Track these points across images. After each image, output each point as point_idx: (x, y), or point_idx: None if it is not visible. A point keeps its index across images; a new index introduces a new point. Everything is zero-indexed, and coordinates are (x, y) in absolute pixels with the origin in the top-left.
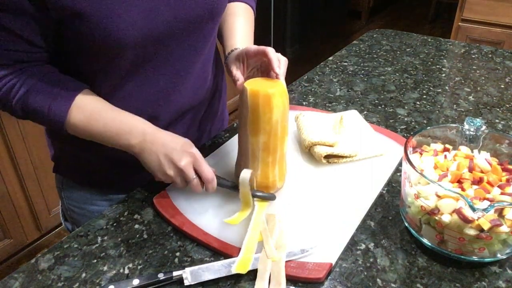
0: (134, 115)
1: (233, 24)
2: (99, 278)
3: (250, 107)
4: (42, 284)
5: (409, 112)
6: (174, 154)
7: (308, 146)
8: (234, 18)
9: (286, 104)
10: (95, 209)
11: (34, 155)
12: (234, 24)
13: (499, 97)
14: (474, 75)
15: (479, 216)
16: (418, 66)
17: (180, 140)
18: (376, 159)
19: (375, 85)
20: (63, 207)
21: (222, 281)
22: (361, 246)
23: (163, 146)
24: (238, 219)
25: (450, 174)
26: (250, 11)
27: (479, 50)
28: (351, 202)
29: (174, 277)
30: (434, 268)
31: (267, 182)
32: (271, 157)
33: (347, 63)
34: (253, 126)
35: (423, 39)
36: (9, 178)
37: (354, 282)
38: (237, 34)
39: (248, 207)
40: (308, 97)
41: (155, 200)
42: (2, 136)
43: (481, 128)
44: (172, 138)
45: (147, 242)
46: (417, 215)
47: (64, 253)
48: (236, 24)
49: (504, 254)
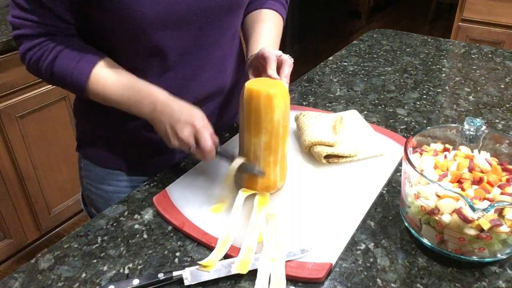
0: (150, 84)
1: (259, 30)
2: (99, 278)
3: (252, 107)
4: (42, 284)
5: (409, 112)
6: (177, 125)
7: (308, 146)
8: (260, 24)
9: (287, 104)
10: (110, 190)
11: (34, 155)
12: (259, 30)
13: (499, 97)
14: (474, 75)
15: (479, 216)
16: (418, 66)
17: (186, 111)
18: (376, 159)
19: (375, 85)
20: (82, 188)
21: (222, 281)
22: (361, 246)
23: (169, 117)
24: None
25: (450, 174)
26: (279, 18)
27: (479, 50)
28: (351, 202)
29: (174, 277)
30: (434, 268)
31: (268, 182)
32: (273, 157)
33: (347, 63)
34: (255, 126)
35: (423, 39)
36: (9, 178)
37: (354, 282)
38: (260, 40)
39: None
40: (308, 97)
41: (155, 200)
42: (2, 136)
43: (481, 128)
44: (180, 108)
45: (147, 242)
46: (417, 215)
47: (64, 253)
48: (261, 30)
49: (504, 254)
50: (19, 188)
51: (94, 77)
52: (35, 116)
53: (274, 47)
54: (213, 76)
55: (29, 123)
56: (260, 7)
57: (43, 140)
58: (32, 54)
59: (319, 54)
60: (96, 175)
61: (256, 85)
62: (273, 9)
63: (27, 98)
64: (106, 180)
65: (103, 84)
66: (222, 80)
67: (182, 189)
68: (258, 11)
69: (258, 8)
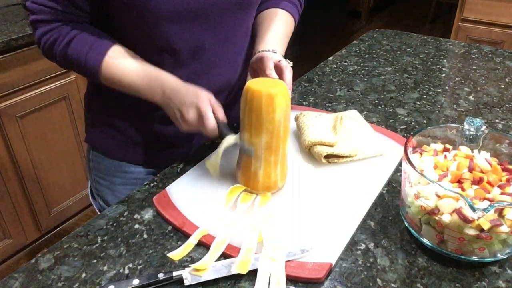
0: (161, 70)
1: (267, 29)
2: (99, 278)
3: (253, 107)
4: (42, 284)
5: (409, 112)
6: (183, 108)
7: (308, 146)
8: (268, 22)
9: (288, 104)
10: (118, 181)
11: (34, 155)
12: (267, 29)
13: (499, 97)
14: (474, 75)
15: (479, 216)
16: (418, 66)
17: (191, 94)
18: (376, 159)
19: (375, 85)
20: (90, 180)
21: (222, 281)
22: (361, 246)
23: (177, 101)
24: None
25: (450, 174)
26: (290, 19)
27: (479, 50)
28: (351, 202)
29: (174, 277)
30: (434, 268)
31: (269, 182)
32: (273, 156)
33: (347, 63)
34: (256, 126)
35: (423, 39)
36: (9, 178)
37: (354, 282)
38: (267, 38)
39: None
40: (308, 97)
41: (155, 200)
42: (2, 136)
43: (481, 128)
44: (187, 90)
45: (147, 242)
46: (417, 215)
47: (64, 253)
48: (268, 29)
49: (504, 254)
50: (19, 188)
51: (107, 61)
52: (35, 116)
53: (280, 47)
54: (224, 73)
55: (29, 123)
56: (273, 6)
57: (43, 140)
58: (47, 38)
59: (319, 54)
60: (104, 166)
61: (257, 85)
62: (286, 10)
63: (27, 98)
64: (114, 171)
65: (116, 69)
66: (232, 77)
67: (182, 189)
68: (271, 10)
69: (271, 7)
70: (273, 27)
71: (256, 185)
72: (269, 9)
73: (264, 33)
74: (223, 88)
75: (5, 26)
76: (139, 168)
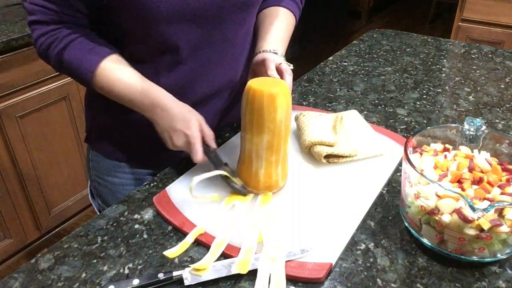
0: (154, 84)
1: (268, 27)
2: (99, 278)
3: (255, 106)
4: (42, 284)
5: (409, 112)
6: (173, 133)
7: (308, 146)
8: (271, 22)
9: (289, 104)
10: (117, 182)
11: (34, 155)
12: (269, 28)
13: (499, 97)
14: (474, 75)
15: (479, 216)
16: (418, 66)
17: (182, 120)
18: (376, 159)
19: (375, 85)
20: (90, 180)
21: (222, 281)
22: (361, 246)
23: (167, 123)
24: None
25: (450, 174)
26: (291, 17)
27: (479, 50)
28: (351, 202)
29: (174, 277)
30: (434, 268)
31: (270, 181)
32: (275, 156)
33: (347, 63)
34: (257, 126)
35: (423, 39)
36: (9, 178)
37: (354, 282)
38: (269, 37)
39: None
40: (308, 97)
41: (155, 200)
42: (2, 136)
43: (481, 128)
44: (178, 114)
45: (147, 242)
46: (417, 215)
47: (64, 253)
48: (270, 28)
49: (504, 254)
50: (19, 188)
51: (101, 70)
52: (35, 116)
53: (281, 46)
54: (225, 73)
55: (29, 123)
56: (275, 4)
57: (43, 140)
58: (43, 40)
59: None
60: (104, 166)
61: (258, 84)
62: (287, 8)
63: (27, 98)
64: (113, 172)
65: (108, 79)
66: (233, 77)
67: (182, 189)
68: (272, 8)
69: (272, 5)
70: (274, 26)
71: (257, 184)
72: (270, 7)
73: (266, 33)
74: (223, 88)
75: (5, 26)
76: (139, 169)
